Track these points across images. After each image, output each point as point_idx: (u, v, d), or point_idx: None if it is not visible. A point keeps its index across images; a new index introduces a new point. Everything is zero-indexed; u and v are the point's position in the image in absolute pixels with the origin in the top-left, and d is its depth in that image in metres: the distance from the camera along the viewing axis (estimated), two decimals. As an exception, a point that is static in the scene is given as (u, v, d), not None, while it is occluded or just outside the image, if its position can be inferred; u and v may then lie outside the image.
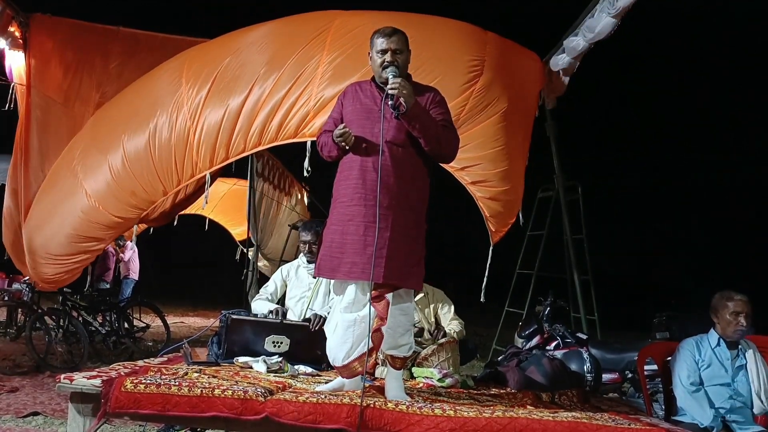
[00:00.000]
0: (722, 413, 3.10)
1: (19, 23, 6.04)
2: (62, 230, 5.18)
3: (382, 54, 2.81)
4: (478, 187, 4.92)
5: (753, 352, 3.22)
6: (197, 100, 4.84)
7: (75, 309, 6.53)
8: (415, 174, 2.82)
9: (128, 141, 4.95)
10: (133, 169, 4.95)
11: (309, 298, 3.90)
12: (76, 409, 2.65)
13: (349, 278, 2.75)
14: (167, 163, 4.90)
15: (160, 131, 4.87)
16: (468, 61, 4.73)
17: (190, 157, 4.88)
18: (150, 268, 9.35)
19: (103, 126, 5.37)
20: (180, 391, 2.58)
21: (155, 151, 4.89)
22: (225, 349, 3.36)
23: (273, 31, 5.09)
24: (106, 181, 5.01)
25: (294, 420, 2.49)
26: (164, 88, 5.03)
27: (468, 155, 4.72)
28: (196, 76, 4.92)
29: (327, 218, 2.91)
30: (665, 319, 5.63)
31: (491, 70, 4.79)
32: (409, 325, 2.89)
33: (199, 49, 5.41)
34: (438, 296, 4.09)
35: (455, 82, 4.66)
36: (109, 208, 5.07)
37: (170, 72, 5.14)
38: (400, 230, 2.72)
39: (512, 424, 2.45)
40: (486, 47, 4.91)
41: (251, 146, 4.84)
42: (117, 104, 5.50)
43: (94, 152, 5.17)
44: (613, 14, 4.65)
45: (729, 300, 3.20)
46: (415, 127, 2.73)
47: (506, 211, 5.12)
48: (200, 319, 11.95)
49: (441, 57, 4.70)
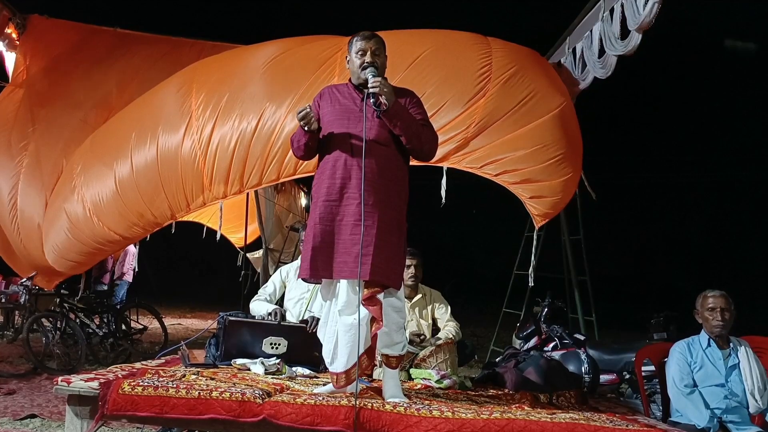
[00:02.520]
0: (718, 414, 3.10)
1: (16, 25, 6.03)
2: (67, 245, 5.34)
3: (361, 55, 2.84)
4: (522, 186, 4.89)
5: (745, 351, 3.23)
6: (207, 125, 4.83)
7: (72, 311, 6.51)
8: (397, 172, 2.85)
9: (135, 158, 5.00)
10: (141, 190, 4.99)
11: (308, 299, 3.89)
12: (73, 411, 2.65)
13: (339, 278, 2.76)
14: (177, 187, 4.93)
15: (167, 152, 4.89)
16: (477, 72, 4.79)
17: (199, 183, 4.90)
18: (147, 270, 9.33)
19: (105, 144, 5.39)
20: (178, 394, 2.57)
21: (163, 173, 4.93)
22: (223, 351, 3.36)
23: (282, 53, 5.07)
24: (111, 199, 5.09)
25: (292, 422, 2.49)
26: (171, 105, 5.02)
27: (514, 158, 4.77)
28: (206, 98, 4.91)
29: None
30: (662, 319, 5.64)
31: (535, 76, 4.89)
32: (403, 322, 2.90)
33: (206, 65, 5.37)
34: (435, 297, 4.09)
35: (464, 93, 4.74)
36: (111, 226, 5.15)
37: (177, 88, 5.13)
38: (385, 228, 2.74)
39: (510, 425, 2.46)
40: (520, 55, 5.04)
41: (267, 180, 4.86)
42: (122, 120, 5.50)
43: (97, 169, 5.24)
44: (636, 27, 4.60)
45: (705, 298, 3.29)
46: (396, 125, 2.76)
47: (555, 202, 5.06)
48: (198, 320, 11.93)
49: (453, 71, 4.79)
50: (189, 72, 5.32)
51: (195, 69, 5.35)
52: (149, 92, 5.44)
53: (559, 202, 4.99)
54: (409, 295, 3.94)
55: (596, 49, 5.21)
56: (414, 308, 3.96)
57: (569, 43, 5.81)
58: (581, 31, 5.59)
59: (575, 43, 5.69)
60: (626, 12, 4.70)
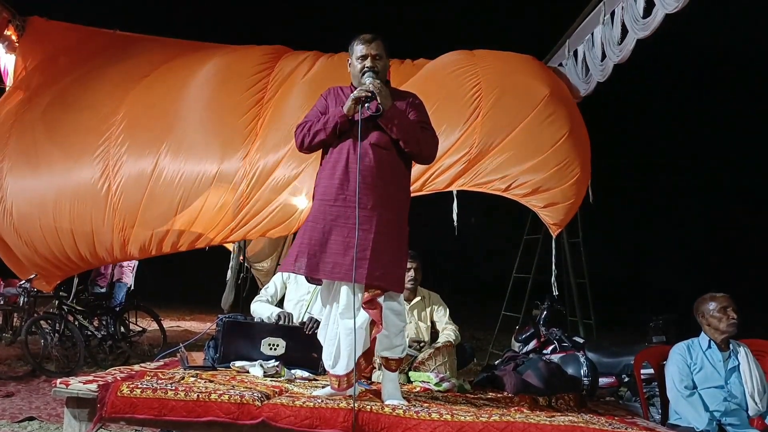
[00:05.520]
0: (717, 416, 3.09)
1: (16, 27, 6.02)
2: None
3: (362, 60, 2.85)
4: (535, 197, 4.91)
5: (745, 354, 3.22)
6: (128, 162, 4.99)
7: (71, 313, 6.50)
8: (398, 176, 2.86)
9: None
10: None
11: (308, 301, 3.89)
12: (72, 414, 2.65)
13: (332, 278, 2.76)
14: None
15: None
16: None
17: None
18: (147, 272, 9.32)
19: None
20: (176, 396, 2.57)
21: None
22: (221, 354, 3.36)
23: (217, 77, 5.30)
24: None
25: (290, 424, 2.49)
26: (94, 130, 5.13)
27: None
28: (133, 132, 5.05)
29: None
30: (661, 322, 5.64)
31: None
32: (403, 325, 2.90)
33: (140, 93, 5.41)
34: (434, 299, 4.09)
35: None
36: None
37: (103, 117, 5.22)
38: (384, 231, 2.74)
39: (509, 428, 2.46)
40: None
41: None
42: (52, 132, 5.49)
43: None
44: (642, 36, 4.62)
45: (712, 299, 3.26)
46: (392, 129, 2.77)
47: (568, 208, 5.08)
48: (197, 323, 11.93)
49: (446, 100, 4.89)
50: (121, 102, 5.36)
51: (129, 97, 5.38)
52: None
53: (572, 207, 4.99)
54: (408, 298, 3.94)
55: (598, 53, 5.22)
56: (413, 311, 3.96)
57: (569, 46, 5.81)
58: (581, 33, 5.60)
59: (575, 45, 5.70)
60: (625, 17, 4.72)
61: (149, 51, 5.95)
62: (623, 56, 4.81)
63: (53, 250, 5.19)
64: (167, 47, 6.09)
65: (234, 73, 5.40)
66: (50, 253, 5.24)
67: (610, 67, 5.06)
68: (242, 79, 5.31)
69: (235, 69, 5.45)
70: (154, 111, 5.23)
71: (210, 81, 5.34)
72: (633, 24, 4.59)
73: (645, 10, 4.45)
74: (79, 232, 5.05)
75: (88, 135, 5.18)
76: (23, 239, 5.26)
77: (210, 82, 5.33)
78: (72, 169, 5.11)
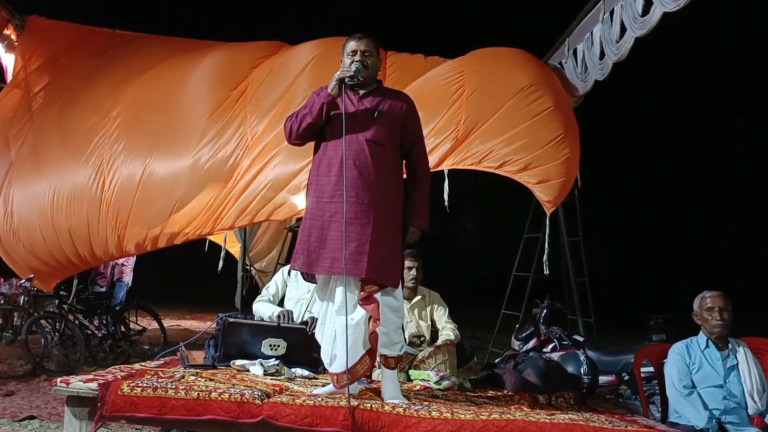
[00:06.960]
0: (717, 415, 3.10)
1: (15, 26, 6.02)
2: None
3: (352, 55, 2.89)
4: (527, 173, 4.93)
5: (744, 352, 3.23)
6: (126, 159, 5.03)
7: (71, 312, 6.50)
8: (393, 172, 2.89)
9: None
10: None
11: (308, 300, 3.89)
12: (72, 412, 2.65)
13: (331, 273, 2.78)
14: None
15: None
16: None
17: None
18: (146, 271, 9.32)
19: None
20: (176, 395, 2.58)
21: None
22: (222, 352, 3.36)
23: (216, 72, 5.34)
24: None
25: (291, 423, 2.50)
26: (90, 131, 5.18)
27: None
28: (129, 130, 5.11)
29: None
30: (661, 321, 5.64)
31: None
32: (400, 322, 2.92)
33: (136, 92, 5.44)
34: (434, 298, 4.09)
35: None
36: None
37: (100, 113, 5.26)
38: (381, 227, 2.76)
39: (509, 426, 2.46)
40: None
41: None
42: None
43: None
44: (639, 34, 4.63)
45: (703, 299, 3.29)
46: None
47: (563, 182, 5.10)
48: (197, 322, 11.92)
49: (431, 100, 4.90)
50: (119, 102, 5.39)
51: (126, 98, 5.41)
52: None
53: (564, 184, 5.00)
54: (409, 297, 3.95)
55: (597, 51, 5.22)
56: (413, 309, 3.97)
57: (569, 45, 5.81)
58: (581, 32, 5.60)
59: (575, 44, 5.70)
60: (624, 15, 4.72)
61: (148, 50, 5.94)
62: (621, 55, 4.82)
63: (52, 253, 5.21)
64: (166, 46, 6.08)
65: (231, 68, 5.39)
66: (50, 256, 5.26)
67: (609, 65, 5.06)
68: (239, 74, 5.31)
69: (231, 65, 5.44)
70: (149, 109, 5.25)
71: (206, 78, 5.35)
72: (632, 22, 4.60)
73: (644, 9, 4.45)
74: (76, 230, 5.06)
75: (88, 134, 5.20)
76: (22, 243, 5.29)
77: (206, 78, 5.34)
78: (68, 165, 5.13)
